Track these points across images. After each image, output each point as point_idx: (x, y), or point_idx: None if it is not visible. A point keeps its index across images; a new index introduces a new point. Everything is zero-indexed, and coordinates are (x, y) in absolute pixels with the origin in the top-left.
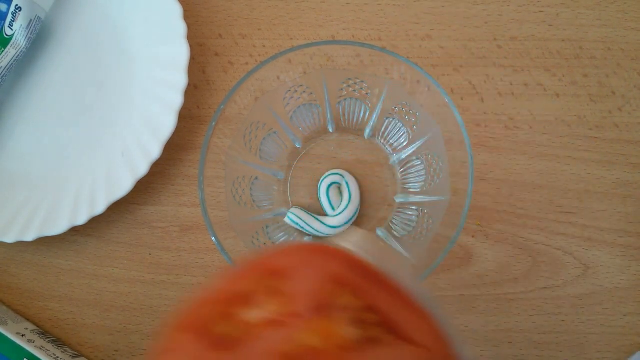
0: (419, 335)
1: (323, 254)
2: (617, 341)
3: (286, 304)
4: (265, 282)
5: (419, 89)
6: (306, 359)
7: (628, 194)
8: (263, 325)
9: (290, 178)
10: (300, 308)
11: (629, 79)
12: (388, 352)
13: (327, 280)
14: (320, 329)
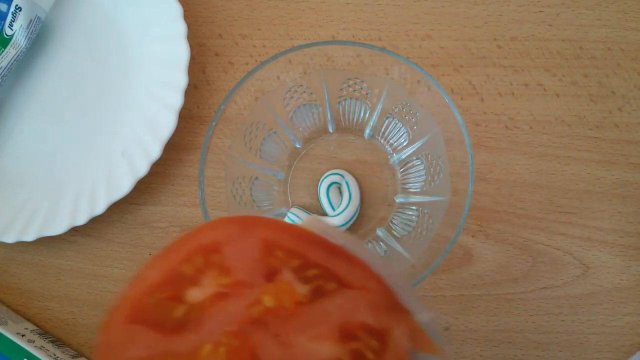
0: (357, 279)
1: (251, 222)
2: (616, 341)
3: (230, 276)
4: (202, 259)
5: (419, 89)
6: (269, 319)
7: (628, 194)
8: (213, 300)
9: (290, 178)
10: (246, 277)
11: (629, 79)
12: (335, 298)
13: (263, 246)
14: (272, 291)
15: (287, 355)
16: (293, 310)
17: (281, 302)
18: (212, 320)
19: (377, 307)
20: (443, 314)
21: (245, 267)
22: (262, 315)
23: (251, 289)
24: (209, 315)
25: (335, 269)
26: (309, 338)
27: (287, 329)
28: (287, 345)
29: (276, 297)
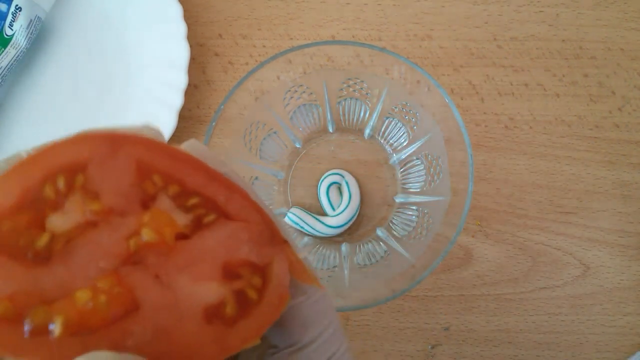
0: (238, 210)
1: (122, 139)
2: (616, 341)
3: (99, 201)
4: (63, 181)
5: (419, 89)
6: (148, 256)
7: (628, 194)
8: (81, 230)
9: (290, 178)
10: (118, 203)
11: (629, 79)
12: (217, 232)
13: (137, 168)
14: (150, 222)
15: (168, 299)
16: (173, 246)
17: (161, 236)
18: (82, 253)
19: (259, 240)
20: (443, 314)
21: (117, 191)
22: (140, 250)
23: (125, 218)
24: (77, 247)
25: (216, 198)
26: (191, 279)
27: (167, 268)
28: (169, 287)
29: (155, 229)
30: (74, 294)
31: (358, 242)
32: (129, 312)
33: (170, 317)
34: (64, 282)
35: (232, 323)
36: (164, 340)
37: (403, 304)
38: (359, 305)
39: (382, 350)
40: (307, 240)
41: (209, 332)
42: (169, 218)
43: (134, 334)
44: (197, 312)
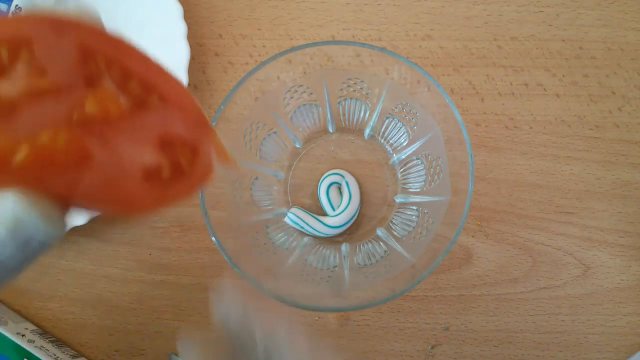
0: (175, 95)
1: (65, 24)
2: (616, 341)
3: (44, 76)
4: (7, 52)
5: (419, 89)
6: (90, 126)
7: (628, 194)
8: (26, 98)
9: (290, 178)
10: (63, 79)
11: (629, 79)
12: (156, 112)
13: (81, 49)
14: (95, 97)
15: (114, 157)
16: (116, 118)
17: (104, 110)
18: (28, 116)
19: (192, 122)
20: (443, 314)
21: (63, 68)
22: (84, 119)
23: (70, 94)
24: (23, 110)
25: (156, 82)
26: (132, 143)
27: (111, 133)
28: (113, 148)
29: (99, 103)
30: (38, 133)
31: (358, 242)
32: (81, 160)
33: (115, 172)
34: (20, 129)
35: (167, 185)
36: (109, 190)
37: (403, 304)
38: (359, 305)
39: (382, 350)
40: (307, 240)
41: (147, 188)
42: (112, 95)
43: (84, 180)
44: (138, 171)
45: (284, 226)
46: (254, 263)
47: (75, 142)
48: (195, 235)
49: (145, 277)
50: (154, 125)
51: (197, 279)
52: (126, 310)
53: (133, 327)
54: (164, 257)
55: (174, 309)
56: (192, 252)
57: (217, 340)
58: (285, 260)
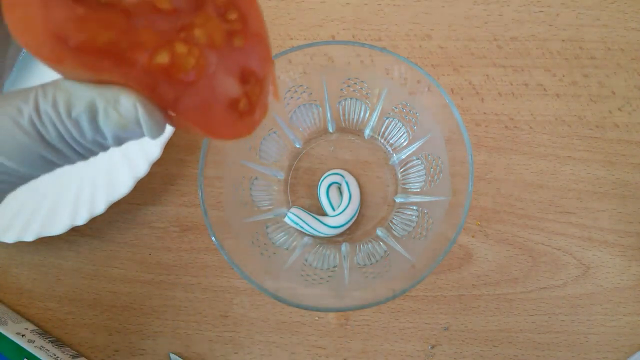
0: (258, 30)
1: None
2: (616, 341)
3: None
4: None
5: (419, 89)
6: (199, 48)
7: (628, 194)
8: (141, 7)
9: (290, 178)
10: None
11: (629, 79)
12: (242, 47)
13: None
14: (202, 23)
15: (212, 81)
16: (217, 46)
17: (210, 39)
18: (143, 24)
19: (264, 58)
20: (443, 314)
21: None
22: (194, 43)
23: (179, 15)
24: (141, 16)
25: (249, 14)
26: (225, 72)
27: (212, 57)
28: (213, 73)
29: (206, 31)
30: (174, 42)
31: (358, 242)
32: (196, 77)
33: (210, 96)
34: (159, 35)
35: (240, 117)
36: (201, 111)
37: (403, 304)
38: (359, 305)
39: (382, 350)
40: (307, 240)
41: (228, 117)
42: (218, 23)
43: (188, 96)
44: (225, 99)
45: (284, 226)
46: (254, 263)
47: (199, 59)
48: (195, 235)
49: (145, 277)
50: (239, 57)
51: (197, 279)
52: (126, 310)
53: (133, 327)
54: (164, 257)
55: (174, 309)
56: (192, 252)
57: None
58: (285, 260)
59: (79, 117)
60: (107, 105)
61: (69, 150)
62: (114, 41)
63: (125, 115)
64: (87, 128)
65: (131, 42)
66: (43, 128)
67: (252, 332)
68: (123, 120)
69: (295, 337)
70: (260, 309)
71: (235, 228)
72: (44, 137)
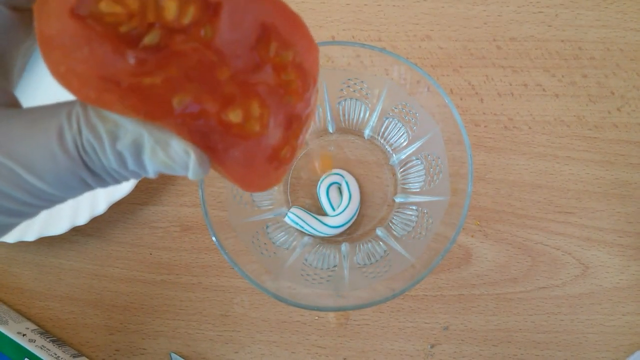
0: (311, 70)
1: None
2: (615, 340)
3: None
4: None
5: (418, 90)
6: (268, 111)
7: (627, 193)
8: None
9: (290, 178)
10: (229, 53)
11: (628, 80)
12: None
13: (260, 27)
14: (266, 82)
15: (261, 140)
16: (276, 92)
17: (274, 97)
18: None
19: (310, 98)
20: (443, 313)
21: (235, 44)
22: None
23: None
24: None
25: (305, 62)
26: (275, 124)
27: (270, 109)
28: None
29: (270, 90)
30: (249, 100)
31: (358, 242)
32: (251, 132)
33: (254, 148)
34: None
35: (279, 166)
36: (242, 163)
37: (403, 304)
38: (359, 304)
39: (382, 349)
40: (307, 240)
41: (268, 168)
42: (279, 82)
43: (236, 149)
44: (269, 150)
45: (284, 226)
46: (254, 263)
47: (264, 120)
48: (195, 235)
49: (146, 276)
50: (289, 107)
51: (197, 278)
52: (127, 310)
53: (134, 326)
54: (165, 256)
55: (174, 309)
56: (192, 252)
57: None
58: (285, 260)
59: (124, 150)
60: (156, 146)
61: (107, 176)
62: (175, 88)
63: (175, 159)
64: (131, 161)
65: (199, 91)
66: (85, 155)
67: (253, 331)
68: (170, 162)
69: (296, 337)
70: (260, 308)
71: (236, 228)
72: (86, 162)
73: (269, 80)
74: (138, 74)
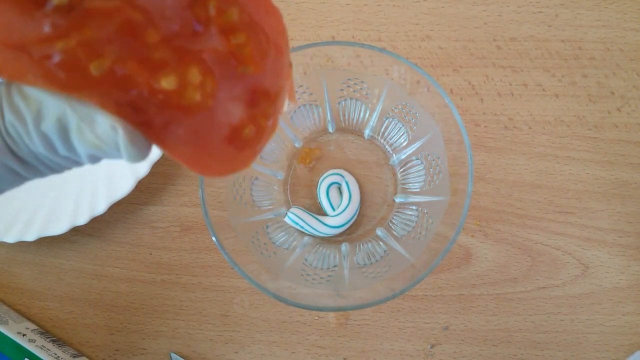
0: (276, 37)
1: None
2: (615, 340)
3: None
4: None
5: (418, 90)
6: (212, 79)
7: (627, 193)
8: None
9: (290, 178)
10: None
11: (628, 79)
12: (255, 62)
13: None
14: (212, 47)
15: (211, 114)
16: (228, 55)
17: (222, 62)
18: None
19: (281, 70)
20: (443, 313)
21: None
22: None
23: (181, 37)
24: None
25: (262, 22)
26: (231, 96)
27: (219, 77)
28: (213, 95)
29: (216, 55)
30: (187, 68)
31: (358, 242)
32: (197, 109)
33: (207, 124)
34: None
35: (240, 148)
36: (193, 142)
37: (403, 304)
38: (359, 305)
39: (382, 349)
40: (307, 240)
41: (226, 150)
42: (228, 45)
43: (183, 125)
44: (226, 128)
45: (284, 226)
46: (254, 263)
47: (207, 89)
48: (195, 235)
49: (146, 276)
50: (251, 79)
51: (197, 278)
52: (127, 310)
53: (134, 326)
54: (165, 256)
55: (174, 309)
56: (192, 252)
57: None
58: (285, 260)
59: (49, 131)
60: (81, 123)
61: (39, 164)
62: (93, 53)
63: (102, 137)
64: (59, 144)
65: (117, 55)
66: (9, 139)
67: (253, 331)
68: (99, 142)
69: (295, 337)
70: (260, 308)
71: (236, 228)
72: (11, 147)
73: (217, 47)
74: (49, 38)
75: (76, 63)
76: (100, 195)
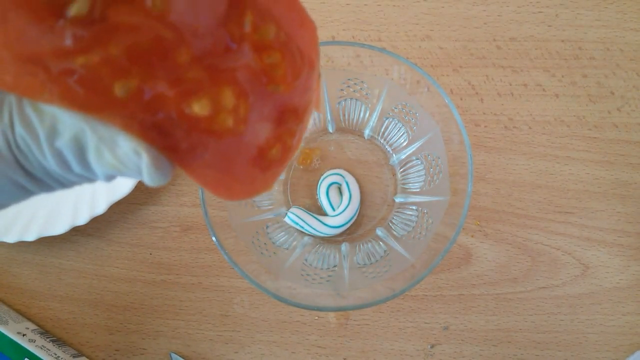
0: (309, 52)
1: None
2: (615, 340)
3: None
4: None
5: (418, 90)
6: (245, 102)
7: (627, 193)
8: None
9: (290, 178)
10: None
11: (628, 79)
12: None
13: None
14: (244, 66)
15: (239, 138)
16: (261, 74)
17: (254, 83)
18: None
19: (311, 86)
20: (443, 313)
21: (203, 22)
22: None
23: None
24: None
25: (296, 37)
26: (259, 117)
27: (254, 96)
28: (245, 117)
29: (249, 75)
30: (221, 91)
31: (358, 242)
32: (227, 134)
33: (235, 149)
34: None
35: (264, 169)
36: (219, 166)
37: (403, 304)
38: (359, 304)
39: (382, 349)
40: (307, 240)
41: (251, 173)
42: (261, 65)
43: (210, 149)
44: (253, 150)
45: (284, 226)
46: (254, 263)
47: (242, 111)
48: (195, 235)
49: (146, 276)
50: (280, 97)
51: (197, 278)
52: (127, 310)
53: (133, 326)
54: (165, 256)
55: (174, 309)
56: (192, 252)
57: None
58: (285, 260)
59: (63, 148)
60: (101, 144)
61: (50, 180)
62: (122, 73)
63: (123, 160)
64: (74, 163)
65: (144, 76)
66: (19, 153)
67: (253, 331)
68: (119, 164)
69: (295, 337)
70: (260, 308)
71: (236, 228)
72: (20, 162)
73: (249, 64)
74: (69, 52)
75: (99, 82)
76: (100, 195)
